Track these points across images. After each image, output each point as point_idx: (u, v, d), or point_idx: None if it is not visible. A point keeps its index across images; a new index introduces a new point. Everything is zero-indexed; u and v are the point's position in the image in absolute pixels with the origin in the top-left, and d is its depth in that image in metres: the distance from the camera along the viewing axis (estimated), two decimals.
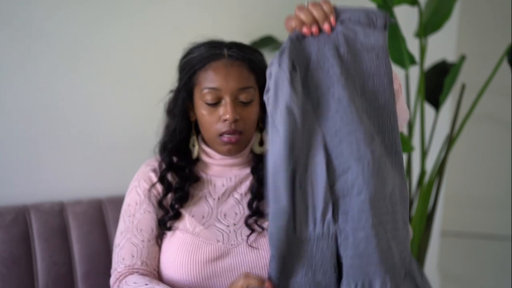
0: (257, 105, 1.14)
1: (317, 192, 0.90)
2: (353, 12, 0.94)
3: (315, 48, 0.94)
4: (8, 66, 1.60)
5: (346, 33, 0.94)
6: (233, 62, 1.11)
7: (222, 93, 1.10)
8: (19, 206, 1.52)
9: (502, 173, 3.33)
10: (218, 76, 1.10)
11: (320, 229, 0.91)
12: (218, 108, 1.10)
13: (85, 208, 1.59)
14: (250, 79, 1.12)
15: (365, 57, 0.94)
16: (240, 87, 1.10)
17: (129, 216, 1.15)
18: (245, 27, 1.94)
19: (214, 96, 1.10)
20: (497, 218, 3.37)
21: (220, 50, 1.13)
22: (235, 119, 1.09)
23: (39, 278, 1.48)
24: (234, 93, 1.10)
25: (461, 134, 1.88)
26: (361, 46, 0.94)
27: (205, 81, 1.11)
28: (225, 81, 1.09)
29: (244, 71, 1.11)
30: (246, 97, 1.11)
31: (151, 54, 1.79)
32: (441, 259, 2.57)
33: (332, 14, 0.92)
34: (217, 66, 1.11)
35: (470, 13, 2.51)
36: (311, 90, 0.93)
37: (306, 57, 0.94)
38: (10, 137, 1.61)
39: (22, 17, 1.59)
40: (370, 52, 0.94)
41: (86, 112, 1.71)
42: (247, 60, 1.12)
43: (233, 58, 1.11)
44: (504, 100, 3.09)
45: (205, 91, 1.10)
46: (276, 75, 0.90)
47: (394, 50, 1.79)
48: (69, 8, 1.65)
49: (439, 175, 1.90)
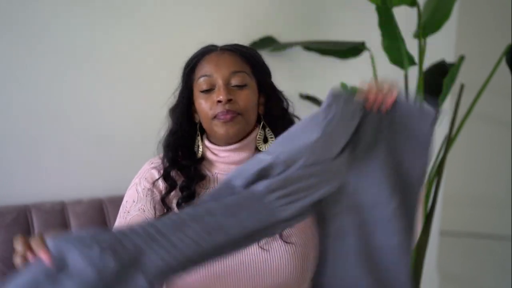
0: (253, 92, 1.15)
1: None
2: (409, 105, 0.98)
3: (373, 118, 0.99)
4: (9, 66, 1.60)
5: (398, 118, 0.98)
6: (225, 52, 1.15)
7: (214, 79, 1.12)
8: (20, 205, 1.53)
9: (501, 173, 3.34)
10: (210, 64, 1.13)
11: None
12: (212, 95, 1.12)
13: (86, 208, 1.59)
14: (243, 66, 1.15)
15: (407, 143, 0.99)
16: (232, 70, 1.13)
17: (124, 212, 1.15)
18: (245, 27, 1.95)
19: (207, 83, 1.12)
20: (497, 218, 3.37)
21: (213, 47, 1.18)
22: (228, 98, 1.10)
23: None
24: (226, 77, 1.12)
25: (460, 134, 1.89)
26: (406, 132, 0.98)
27: (199, 72, 1.14)
28: (217, 67, 1.12)
29: (236, 58, 1.15)
30: (239, 81, 1.13)
31: (152, 54, 1.80)
32: (440, 258, 2.57)
33: (391, 99, 0.98)
34: (210, 56, 1.15)
35: (469, 14, 2.51)
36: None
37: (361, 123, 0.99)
38: (11, 137, 1.61)
39: (24, 18, 1.59)
40: (413, 140, 0.98)
41: (87, 112, 1.71)
42: (239, 50, 1.16)
43: (224, 49, 1.16)
44: (503, 100, 3.09)
45: (199, 80, 1.14)
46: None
47: (393, 51, 1.79)
48: (72, 8, 1.66)
49: (438, 175, 1.90)
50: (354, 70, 2.07)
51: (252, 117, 1.16)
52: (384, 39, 1.80)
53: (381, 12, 1.73)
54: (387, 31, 1.76)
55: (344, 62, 2.04)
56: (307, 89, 2.03)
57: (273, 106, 1.19)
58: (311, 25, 2.08)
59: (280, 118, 1.19)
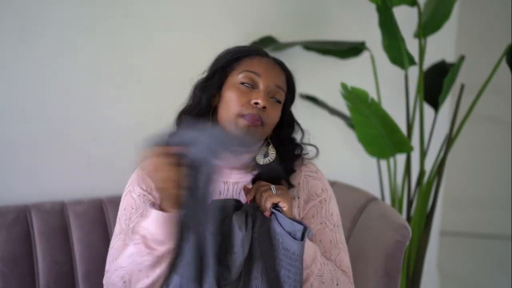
0: (280, 111, 1.17)
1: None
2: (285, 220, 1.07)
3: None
4: (7, 66, 1.60)
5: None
6: (276, 65, 1.18)
7: (260, 80, 1.13)
8: (20, 206, 1.53)
9: (501, 173, 3.34)
10: (262, 65, 1.15)
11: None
12: (250, 93, 1.12)
13: (86, 208, 1.59)
14: (285, 86, 1.18)
15: (283, 254, 1.07)
16: (278, 84, 1.15)
17: (125, 219, 1.15)
18: (245, 27, 1.95)
19: (253, 79, 1.13)
20: (497, 218, 3.38)
21: (264, 52, 1.21)
22: (264, 105, 1.10)
23: (40, 278, 1.49)
24: (270, 85, 1.14)
25: (460, 134, 1.89)
26: (282, 243, 1.07)
27: (248, 66, 1.15)
28: (267, 72, 1.14)
29: (283, 76, 1.19)
30: (278, 96, 1.15)
31: (152, 54, 1.80)
32: (440, 259, 2.58)
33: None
34: (263, 59, 1.17)
35: (469, 14, 2.52)
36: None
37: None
38: (11, 137, 1.61)
39: (21, 16, 1.59)
40: (287, 251, 1.06)
41: (87, 112, 1.71)
42: (287, 71, 1.20)
43: (276, 62, 1.19)
44: (503, 100, 3.10)
45: (245, 73, 1.14)
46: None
47: (394, 50, 1.79)
48: (69, 5, 1.66)
49: (438, 175, 1.90)
50: (354, 70, 2.07)
51: (269, 131, 1.17)
52: (384, 39, 1.80)
53: (381, 11, 1.72)
54: (387, 31, 1.75)
55: (344, 62, 2.04)
56: (307, 89, 2.03)
57: (283, 130, 1.21)
58: (311, 25, 2.08)
59: (287, 142, 1.22)
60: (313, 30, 2.07)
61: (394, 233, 1.43)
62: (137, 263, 1.02)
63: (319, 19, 2.10)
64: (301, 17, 2.07)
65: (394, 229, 1.44)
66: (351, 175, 1.96)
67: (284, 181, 1.18)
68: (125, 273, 1.04)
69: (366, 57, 1.99)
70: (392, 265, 1.43)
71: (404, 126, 1.96)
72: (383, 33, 1.78)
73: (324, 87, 2.07)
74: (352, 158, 2.21)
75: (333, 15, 2.10)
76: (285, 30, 2.01)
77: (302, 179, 1.20)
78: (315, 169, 1.23)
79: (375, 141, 1.79)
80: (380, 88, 1.96)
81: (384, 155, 1.87)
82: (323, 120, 2.10)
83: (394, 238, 1.43)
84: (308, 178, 1.20)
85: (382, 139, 1.76)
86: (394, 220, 1.47)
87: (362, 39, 1.92)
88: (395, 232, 1.43)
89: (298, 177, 1.20)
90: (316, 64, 2.06)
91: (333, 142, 2.18)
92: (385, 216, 1.51)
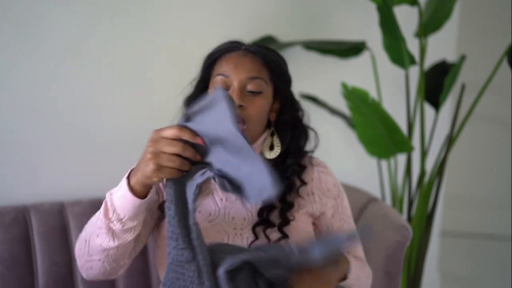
0: (267, 100, 1.14)
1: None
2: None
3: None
4: (7, 65, 1.60)
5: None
6: (247, 54, 1.14)
7: (231, 80, 1.11)
8: (19, 206, 1.52)
9: (502, 173, 3.34)
10: (229, 64, 1.12)
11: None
12: None
13: (85, 208, 1.59)
14: (262, 72, 1.13)
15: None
16: (249, 76, 1.11)
17: None
18: (245, 26, 1.94)
19: (223, 82, 1.11)
20: (497, 218, 3.38)
21: (238, 45, 1.16)
22: (239, 104, 1.08)
23: (39, 278, 1.48)
24: (242, 81, 1.11)
25: (461, 134, 1.88)
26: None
27: (218, 69, 1.14)
28: (235, 69, 1.11)
29: (256, 63, 1.13)
30: (254, 87, 1.11)
31: (152, 53, 1.79)
32: (441, 259, 2.57)
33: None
34: (231, 56, 1.14)
35: (470, 13, 2.51)
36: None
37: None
38: (10, 137, 1.61)
39: (23, 18, 1.59)
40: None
41: (86, 112, 1.71)
42: (262, 54, 1.14)
43: (248, 51, 1.15)
44: (504, 100, 3.10)
45: (216, 77, 1.13)
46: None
47: (394, 50, 1.79)
48: (69, 4, 1.65)
49: (439, 175, 1.90)
50: (355, 69, 2.07)
51: (259, 126, 1.15)
52: (385, 39, 1.79)
53: (382, 11, 1.72)
54: (388, 30, 1.75)
55: (344, 62, 2.04)
56: (308, 89, 2.02)
57: (285, 114, 1.18)
58: (311, 25, 2.07)
59: (291, 127, 1.19)
60: (313, 29, 2.06)
61: (394, 233, 1.43)
62: (93, 222, 1.04)
63: (319, 19, 2.09)
64: (301, 16, 2.06)
65: (394, 229, 1.44)
66: (352, 175, 1.96)
67: (297, 178, 1.17)
68: (85, 233, 1.05)
69: (366, 56, 1.99)
70: (393, 265, 1.43)
71: (404, 126, 1.96)
72: (384, 32, 1.77)
73: (324, 87, 2.07)
74: (352, 158, 2.21)
75: (334, 14, 2.10)
76: (285, 29, 2.01)
77: (315, 175, 1.20)
78: (324, 164, 1.24)
79: (375, 141, 1.79)
80: (381, 88, 1.95)
81: (384, 155, 1.86)
82: (323, 120, 2.09)
83: (395, 239, 1.42)
84: (320, 174, 1.21)
85: (382, 139, 1.75)
86: (395, 221, 1.47)
87: (362, 39, 1.91)
88: (396, 232, 1.43)
89: (310, 172, 1.20)
90: (316, 63, 2.06)
91: (334, 142, 2.18)
92: (385, 217, 1.51)
